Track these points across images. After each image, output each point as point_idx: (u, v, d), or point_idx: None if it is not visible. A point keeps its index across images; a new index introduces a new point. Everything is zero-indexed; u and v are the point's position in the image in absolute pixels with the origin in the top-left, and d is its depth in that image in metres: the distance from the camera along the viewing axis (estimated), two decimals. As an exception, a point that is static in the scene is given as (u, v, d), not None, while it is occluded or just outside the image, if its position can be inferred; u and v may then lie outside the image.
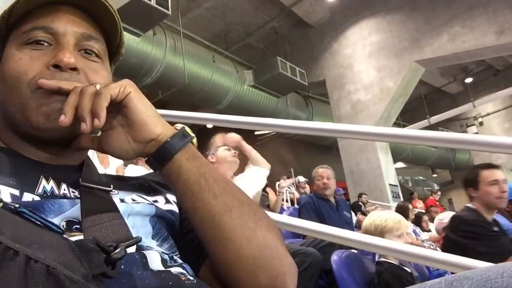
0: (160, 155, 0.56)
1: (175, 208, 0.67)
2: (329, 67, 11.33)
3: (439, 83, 14.25)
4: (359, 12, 10.76)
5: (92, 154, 3.78)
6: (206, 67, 9.37)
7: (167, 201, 0.68)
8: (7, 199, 0.51)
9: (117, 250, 0.44)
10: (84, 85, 0.56)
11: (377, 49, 10.39)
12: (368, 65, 10.53)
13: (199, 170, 0.56)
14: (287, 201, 5.97)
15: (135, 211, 0.60)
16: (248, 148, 2.88)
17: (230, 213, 0.55)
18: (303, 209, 3.45)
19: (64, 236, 0.44)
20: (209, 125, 8.44)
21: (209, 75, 9.36)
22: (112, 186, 0.62)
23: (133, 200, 0.63)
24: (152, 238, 0.59)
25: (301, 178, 7.23)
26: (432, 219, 7.12)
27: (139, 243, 0.54)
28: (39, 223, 0.43)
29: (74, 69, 0.59)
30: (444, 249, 2.50)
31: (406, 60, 9.79)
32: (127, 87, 0.55)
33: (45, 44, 0.60)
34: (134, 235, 0.55)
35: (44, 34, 0.60)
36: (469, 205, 2.56)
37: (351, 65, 10.87)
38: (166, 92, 8.98)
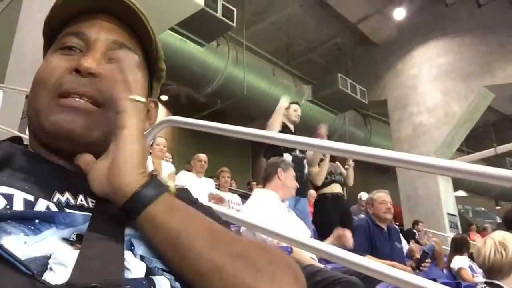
0: (129, 207, 0.48)
1: None
2: (392, 87, 11.05)
3: (509, 111, 13.41)
4: (427, 32, 10.45)
5: (149, 160, 3.90)
6: (265, 80, 9.45)
7: None
8: (20, 205, 0.49)
9: None
10: (107, 95, 0.56)
11: (445, 71, 10.01)
12: (433, 87, 10.16)
13: (179, 224, 0.48)
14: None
15: None
16: None
17: (220, 273, 0.46)
18: (357, 231, 3.33)
19: (36, 279, 0.40)
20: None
21: (268, 88, 9.43)
22: None
23: None
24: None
25: (364, 196, 6.85)
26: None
27: (149, 266, 0.48)
28: (11, 260, 0.40)
29: (94, 74, 0.57)
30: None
31: (474, 85, 9.35)
32: (127, 120, 0.50)
33: (77, 50, 0.60)
34: (144, 253, 0.50)
35: (77, 40, 0.60)
36: None
37: (416, 86, 10.54)
38: (225, 102, 9.13)
